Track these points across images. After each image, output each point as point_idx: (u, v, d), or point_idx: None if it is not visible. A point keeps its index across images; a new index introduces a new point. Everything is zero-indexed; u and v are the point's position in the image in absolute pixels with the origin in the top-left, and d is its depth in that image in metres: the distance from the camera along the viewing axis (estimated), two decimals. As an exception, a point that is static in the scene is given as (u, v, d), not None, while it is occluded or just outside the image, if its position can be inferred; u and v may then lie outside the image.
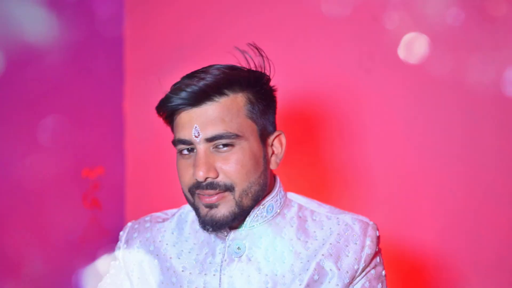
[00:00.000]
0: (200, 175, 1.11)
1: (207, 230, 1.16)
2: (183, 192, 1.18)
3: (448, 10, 1.59)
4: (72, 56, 1.93)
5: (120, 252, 1.29)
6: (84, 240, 1.98)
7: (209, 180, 1.12)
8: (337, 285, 1.14)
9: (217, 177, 1.12)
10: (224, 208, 1.13)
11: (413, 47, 1.61)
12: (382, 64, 1.74)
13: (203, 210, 1.14)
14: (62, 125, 1.90)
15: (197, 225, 1.25)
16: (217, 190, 1.12)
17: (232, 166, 1.12)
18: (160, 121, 1.23)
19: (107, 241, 1.97)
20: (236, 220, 1.15)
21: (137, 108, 2.15)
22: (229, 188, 1.13)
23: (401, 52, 1.61)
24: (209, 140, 1.12)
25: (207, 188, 1.12)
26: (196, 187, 1.13)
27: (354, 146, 1.80)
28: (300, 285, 1.14)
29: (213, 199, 1.13)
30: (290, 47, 1.85)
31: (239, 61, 1.20)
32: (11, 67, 1.72)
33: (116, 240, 1.35)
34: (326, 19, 1.78)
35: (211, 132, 1.12)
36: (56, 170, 1.87)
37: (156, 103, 1.18)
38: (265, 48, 1.21)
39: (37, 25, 1.72)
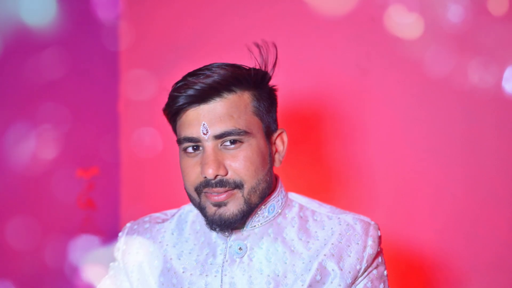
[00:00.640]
0: (210, 172, 1.10)
1: (214, 230, 1.15)
2: (188, 191, 1.16)
3: (447, 10, 1.60)
4: (67, 55, 1.91)
5: (119, 253, 1.27)
6: (78, 240, 1.96)
7: (218, 177, 1.11)
8: (339, 285, 1.14)
9: (226, 174, 1.11)
10: (233, 206, 1.13)
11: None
12: (381, 64, 1.74)
13: (211, 209, 1.13)
14: (57, 125, 1.88)
15: (197, 226, 1.24)
16: (227, 188, 1.11)
17: (241, 163, 1.12)
18: (155, 121, 1.21)
19: (102, 241, 1.96)
20: (243, 218, 1.15)
21: (132, 108, 2.14)
22: (238, 186, 1.12)
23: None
24: (218, 137, 1.11)
25: (216, 186, 1.11)
26: (204, 185, 1.12)
27: (353, 147, 1.81)
28: (302, 285, 1.14)
29: (222, 197, 1.12)
30: (289, 47, 1.84)
31: (240, 58, 1.19)
32: (4, 67, 1.70)
33: (110, 240, 1.33)
34: (325, 19, 1.78)
35: (220, 128, 1.11)
36: (50, 170, 1.85)
37: (151, 103, 1.17)
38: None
39: (31, 24, 1.70)
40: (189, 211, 1.27)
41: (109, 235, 1.98)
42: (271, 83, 1.21)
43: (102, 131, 2.11)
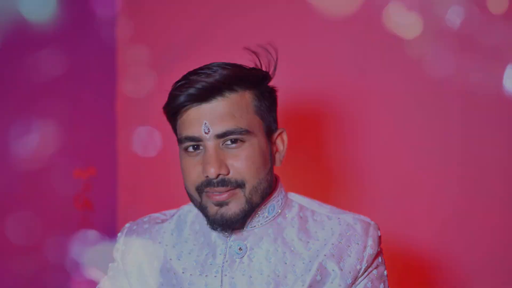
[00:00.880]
0: (212, 172, 1.09)
1: (216, 229, 1.15)
2: (188, 191, 1.16)
3: (447, 10, 1.60)
4: (64, 56, 1.90)
5: (119, 253, 1.26)
6: (76, 241, 1.95)
7: (220, 177, 1.11)
8: (340, 285, 1.13)
9: (228, 173, 1.11)
10: (235, 206, 1.12)
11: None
12: (381, 64, 1.75)
13: (213, 209, 1.13)
14: (54, 126, 1.87)
15: (197, 226, 1.24)
16: (228, 187, 1.11)
17: (243, 163, 1.11)
18: (153, 120, 1.21)
19: (100, 242, 1.96)
20: (245, 218, 1.15)
21: (130, 109, 2.13)
22: (240, 185, 1.12)
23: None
24: (220, 136, 1.11)
25: (218, 186, 1.11)
26: (206, 185, 1.12)
27: (353, 147, 1.81)
28: (302, 286, 1.13)
29: (224, 196, 1.11)
30: (289, 46, 1.83)
31: (240, 59, 1.19)
32: (1, 65, 1.70)
33: (108, 241, 1.32)
34: (325, 19, 1.77)
35: (222, 128, 1.11)
36: (47, 170, 1.84)
37: (149, 101, 1.17)
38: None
39: (30, 20, 1.70)
40: (189, 211, 1.27)
41: (107, 235, 1.97)
42: (271, 84, 1.21)
43: (99, 131, 2.11)
